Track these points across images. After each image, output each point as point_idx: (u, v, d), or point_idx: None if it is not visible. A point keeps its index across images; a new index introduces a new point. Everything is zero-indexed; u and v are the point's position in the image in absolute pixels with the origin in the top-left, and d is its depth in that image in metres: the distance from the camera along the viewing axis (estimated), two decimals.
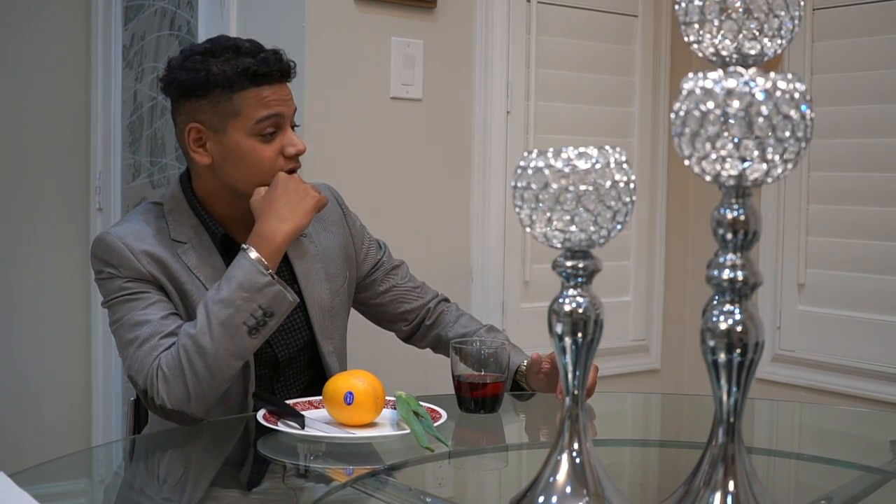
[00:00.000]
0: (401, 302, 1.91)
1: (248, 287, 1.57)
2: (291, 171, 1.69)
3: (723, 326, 0.88)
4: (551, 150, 0.96)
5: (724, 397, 0.90)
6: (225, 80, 1.62)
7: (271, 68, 1.64)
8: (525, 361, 1.77)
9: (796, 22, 0.91)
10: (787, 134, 0.84)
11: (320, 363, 1.79)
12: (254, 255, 1.60)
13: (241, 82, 1.62)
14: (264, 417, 1.49)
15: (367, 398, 1.48)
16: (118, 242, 1.64)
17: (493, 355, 1.63)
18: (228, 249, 1.71)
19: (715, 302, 0.89)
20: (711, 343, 0.88)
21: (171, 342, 1.58)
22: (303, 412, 1.49)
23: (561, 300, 0.98)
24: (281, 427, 1.46)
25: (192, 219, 1.71)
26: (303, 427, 1.45)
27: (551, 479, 0.99)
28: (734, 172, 0.86)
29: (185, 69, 1.64)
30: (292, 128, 1.71)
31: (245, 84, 1.63)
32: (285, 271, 1.75)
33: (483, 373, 1.62)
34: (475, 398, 1.61)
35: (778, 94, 0.84)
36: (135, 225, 1.68)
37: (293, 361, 1.77)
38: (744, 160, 0.85)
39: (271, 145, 1.67)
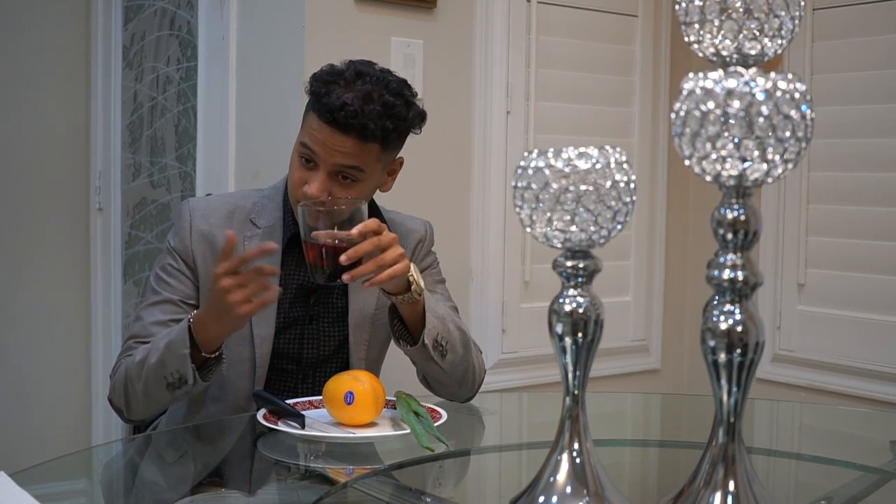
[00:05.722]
0: None
1: (171, 349, 1.56)
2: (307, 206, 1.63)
3: (723, 326, 0.88)
4: (551, 150, 0.96)
5: (724, 397, 0.90)
6: (312, 94, 1.66)
7: (334, 114, 1.61)
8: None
9: (796, 22, 0.91)
10: (788, 134, 0.84)
11: None
12: (186, 325, 1.56)
13: (314, 104, 1.65)
14: (264, 417, 1.49)
15: (367, 398, 1.48)
16: (186, 211, 1.75)
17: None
18: (293, 249, 1.71)
19: (715, 302, 0.89)
20: (711, 343, 0.88)
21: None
22: (303, 412, 1.49)
23: (561, 300, 0.98)
24: (281, 427, 1.46)
25: (278, 210, 1.76)
26: (303, 427, 1.45)
27: (551, 479, 0.99)
28: (734, 172, 0.86)
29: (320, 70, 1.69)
30: (344, 179, 1.65)
31: (315, 108, 1.65)
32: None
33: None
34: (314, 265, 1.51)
35: (778, 94, 0.83)
36: (215, 201, 1.78)
37: (324, 364, 1.76)
38: (744, 160, 0.85)
39: (303, 172, 1.67)
